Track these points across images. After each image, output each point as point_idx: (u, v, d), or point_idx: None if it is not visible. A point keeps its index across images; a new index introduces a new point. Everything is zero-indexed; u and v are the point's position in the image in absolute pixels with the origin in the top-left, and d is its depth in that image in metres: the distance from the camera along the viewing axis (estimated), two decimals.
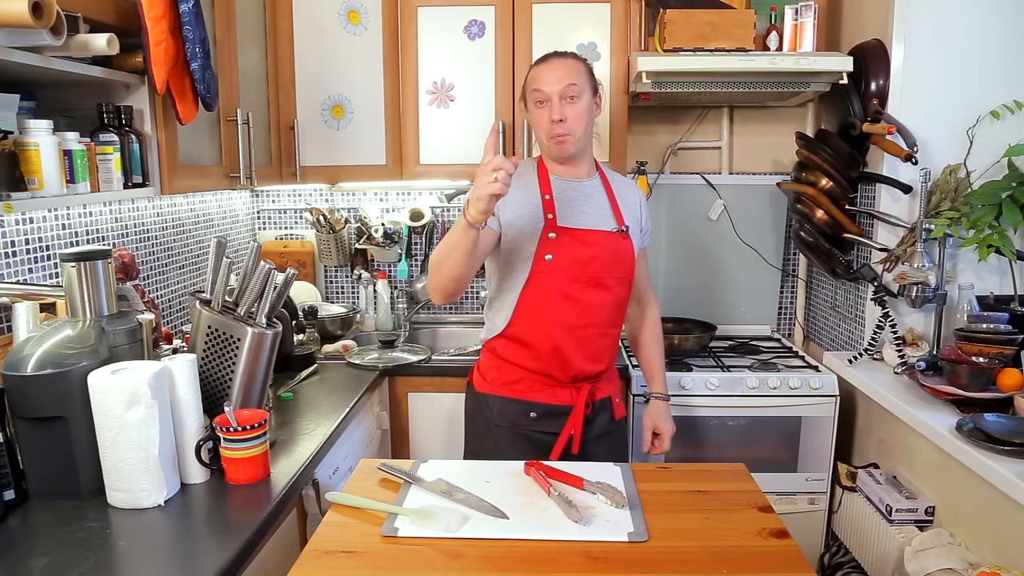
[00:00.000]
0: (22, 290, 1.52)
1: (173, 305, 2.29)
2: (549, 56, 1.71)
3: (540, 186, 1.72)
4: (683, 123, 2.79)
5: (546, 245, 1.67)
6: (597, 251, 1.69)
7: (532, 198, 1.71)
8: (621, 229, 1.74)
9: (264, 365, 1.52)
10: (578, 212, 1.71)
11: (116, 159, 1.55)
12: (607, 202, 1.76)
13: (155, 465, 1.27)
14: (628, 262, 1.75)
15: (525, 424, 1.74)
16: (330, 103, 2.46)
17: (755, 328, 2.81)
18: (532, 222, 1.68)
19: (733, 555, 1.12)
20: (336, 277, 2.93)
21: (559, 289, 1.69)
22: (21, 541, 1.16)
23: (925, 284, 2.07)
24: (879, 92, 2.17)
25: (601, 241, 1.71)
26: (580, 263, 1.68)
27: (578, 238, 1.69)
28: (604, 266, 1.70)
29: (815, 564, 2.32)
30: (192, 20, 1.57)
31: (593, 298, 1.70)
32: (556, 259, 1.67)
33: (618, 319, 1.79)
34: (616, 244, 1.73)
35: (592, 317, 1.71)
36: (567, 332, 1.70)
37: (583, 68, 1.70)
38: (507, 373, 1.75)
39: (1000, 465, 1.48)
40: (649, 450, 1.90)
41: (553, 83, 1.65)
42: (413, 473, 1.37)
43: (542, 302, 1.69)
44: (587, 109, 1.68)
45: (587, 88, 1.68)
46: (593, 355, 1.74)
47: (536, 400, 1.73)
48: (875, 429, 2.22)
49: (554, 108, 1.65)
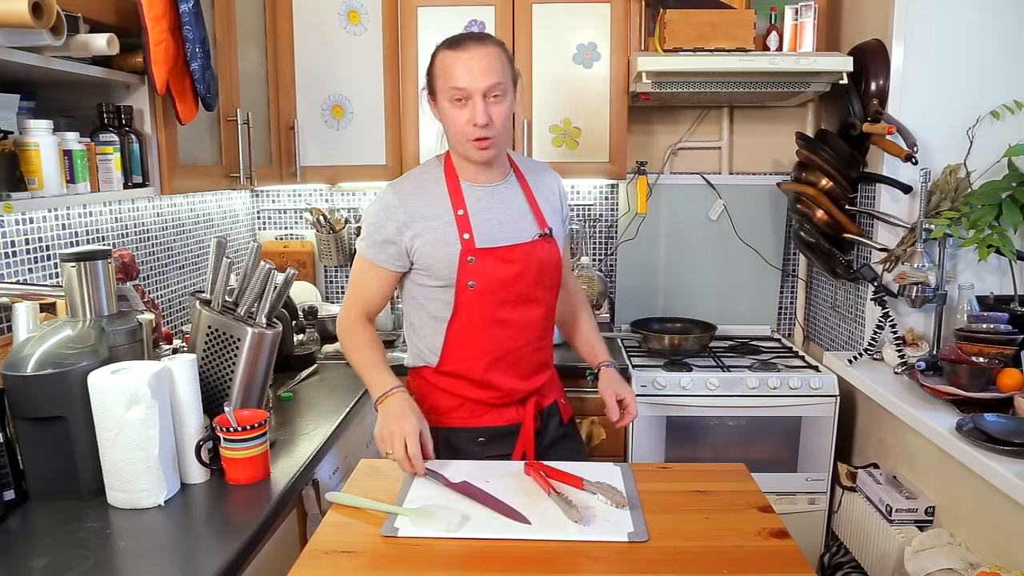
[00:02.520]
0: (22, 290, 1.52)
1: (173, 305, 2.29)
2: (465, 40, 1.45)
3: (451, 199, 1.52)
4: (683, 123, 2.79)
5: (466, 271, 1.49)
6: (522, 267, 1.53)
7: (443, 215, 1.51)
8: (543, 233, 1.57)
9: (264, 365, 1.52)
10: (496, 224, 1.53)
11: (116, 159, 1.55)
12: (526, 204, 1.59)
13: (155, 465, 1.27)
14: (555, 267, 1.59)
15: (476, 451, 1.57)
16: (330, 103, 2.46)
17: (755, 328, 2.81)
18: (446, 246, 1.50)
19: (733, 555, 1.12)
20: (336, 277, 2.93)
21: (487, 315, 1.53)
22: (21, 541, 1.16)
23: (925, 284, 2.07)
24: (879, 92, 2.17)
25: (524, 255, 1.53)
26: (505, 283, 1.52)
27: (499, 256, 1.51)
28: (531, 280, 1.55)
29: (815, 564, 2.32)
30: (192, 20, 1.57)
31: (524, 316, 1.57)
32: (479, 284, 1.50)
33: (550, 326, 1.66)
34: (540, 252, 1.56)
35: (526, 336, 1.58)
36: (502, 359, 1.56)
37: (505, 59, 1.47)
38: (444, 401, 1.60)
39: (1000, 465, 1.48)
40: (619, 419, 1.63)
41: (476, 80, 1.42)
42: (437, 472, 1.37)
43: (472, 334, 1.54)
44: (511, 107, 1.49)
45: (510, 84, 1.47)
46: (530, 372, 1.61)
47: (481, 425, 1.59)
48: (875, 429, 2.22)
49: (478, 110, 1.43)
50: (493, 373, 1.57)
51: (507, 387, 1.59)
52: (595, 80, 2.43)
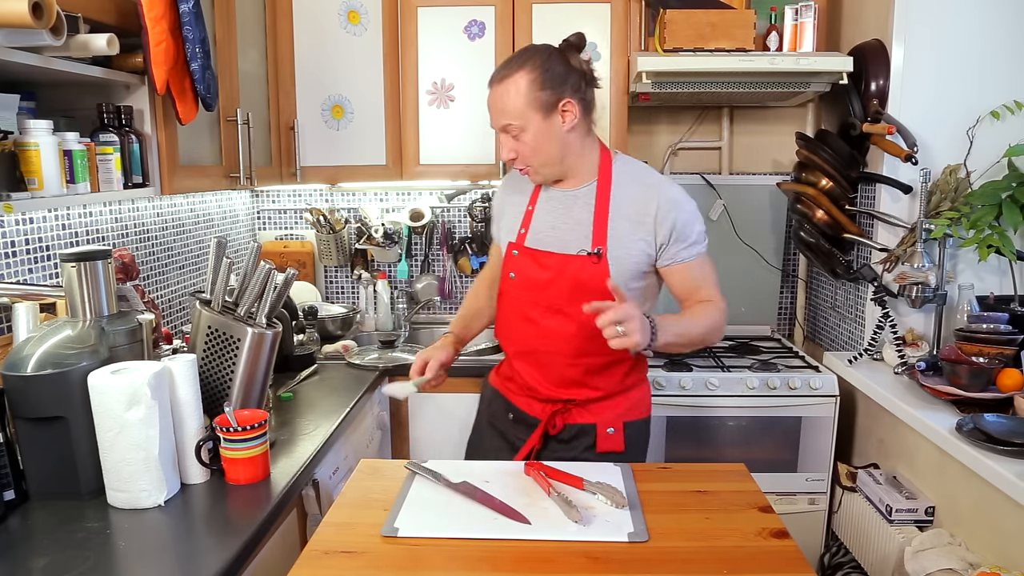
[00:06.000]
0: (22, 290, 1.52)
1: (173, 305, 2.29)
2: (495, 75, 1.51)
3: (531, 194, 1.62)
4: (683, 123, 2.79)
5: (510, 261, 1.60)
6: (553, 276, 1.53)
7: (520, 205, 1.62)
8: (592, 252, 1.51)
9: (264, 365, 1.52)
10: (548, 229, 1.56)
11: (116, 159, 1.55)
12: (589, 217, 1.53)
13: (155, 465, 1.27)
14: (597, 289, 1.46)
15: (503, 423, 1.69)
16: (330, 103, 2.46)
17: (755, 328, 2.81)
18: (510, 233, 1.61)
19: (733, 555, 1.12)
20: (336, 277, 2.93)
21: (520, 311, 1.59)
22: (21, 541, 1.16)
23: (925, 284, 2.07)
24: (879, 92, 2.17)
25: (559, 265, 1.52)
26: (537, 286, 1.55)
27: (535, 259, 1.55)
28: (562, 293, 1.53)
29: (815, 564, 2.32)
30: (192, 20, 1.57)
31: (553, 325, 1.55)
32: (517, 279, 1.58)
33: (591, 349, 1.52)
34: (580, 269, 1.51)
35: (555, 345, 1.56)
36: (530, 355, 1.61)
37: (524, 88, 1.45)
38: (506, 369, 1.71)
39: (1000, 465, 1.48)
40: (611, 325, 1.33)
41: (493, 119, 1.51)
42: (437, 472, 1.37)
43: (508, 320, 1.64)
44: (539, 135, 1.47)
45: (531, 115, 1.45)
46: (560, 382, 1.59)
47: (515, 404, 1.67)
48: (875, 429, 2.22)
49: (502, 147, 1.52)
50: (519, 363, 1.64)
51: (530, 382, 1.62)
52: None
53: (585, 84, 1.50)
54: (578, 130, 1.51)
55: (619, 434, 1.61)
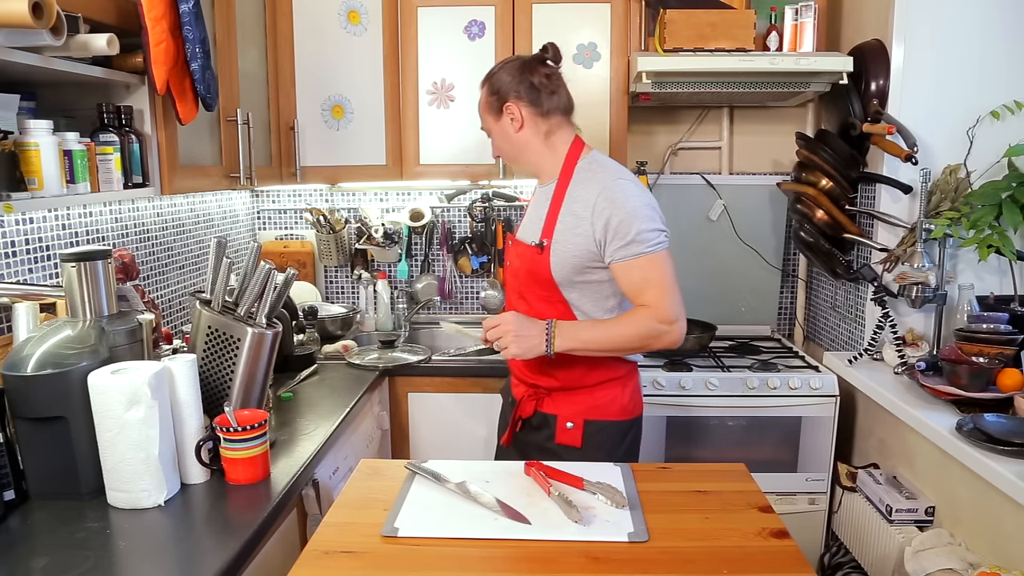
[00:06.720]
0: (22, 290, 1.52)
1: (173, 305, 2.29)
2: None
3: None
4: (683, 123, 2.79)
5: (506, 251, 1.80)
6: (518, 264, 1.69)
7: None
8: (538, 243, 1.61)
9: (264, 365, 1.52)
10: (527, 221, 1.73)
11: (116, 159, 1.54)
12: (545, 211, 1.63)
13: (155, 465, 1.27)
14: (543, 279, 1.60)
15: (506, 406, 1.86)
16: (330, 103, 2.46)
17: (755, 328, 2.81)
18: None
19: (733, 555, 1.12)
20: (336, 277, 2.93)
21: (509, 295, 1.78)
22: (21, 541, 1.16)
23: (925, 284, 2.07)
24: (879, 92, 2.17)
25: (519, 255, 1.68)
26: (511, 273, 1.74)
27: (512, 248, 1.74)
28: (524, 281, 1.67)
29: (815, 564, 2.32)
30: (192, 20, 1.57)
31: (521, 310, 1.65)
32: (507, 266, 1.77)
33: None
34: (531, 259, 1.62)
35: None
36: None
37: (481, 98, 1.69)
38: None
39: (1000, 465, 1.48)
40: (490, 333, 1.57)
41: None
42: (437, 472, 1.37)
43: (507, 304, 1.81)
44: (497, 135, 1.68)
45: (487, 117, 1.68)
46: (528, 365, 1.68)
47: (511, 386, 1.83)
48: (875, 429, 2.22)
49: None
50: None
51: (512, 365, 1.78)
52: (595, 80, 2.43)
53: (537, 92, 1.61)
54: (530, 131, 1.64)
55: (578, 430, 1.65)
